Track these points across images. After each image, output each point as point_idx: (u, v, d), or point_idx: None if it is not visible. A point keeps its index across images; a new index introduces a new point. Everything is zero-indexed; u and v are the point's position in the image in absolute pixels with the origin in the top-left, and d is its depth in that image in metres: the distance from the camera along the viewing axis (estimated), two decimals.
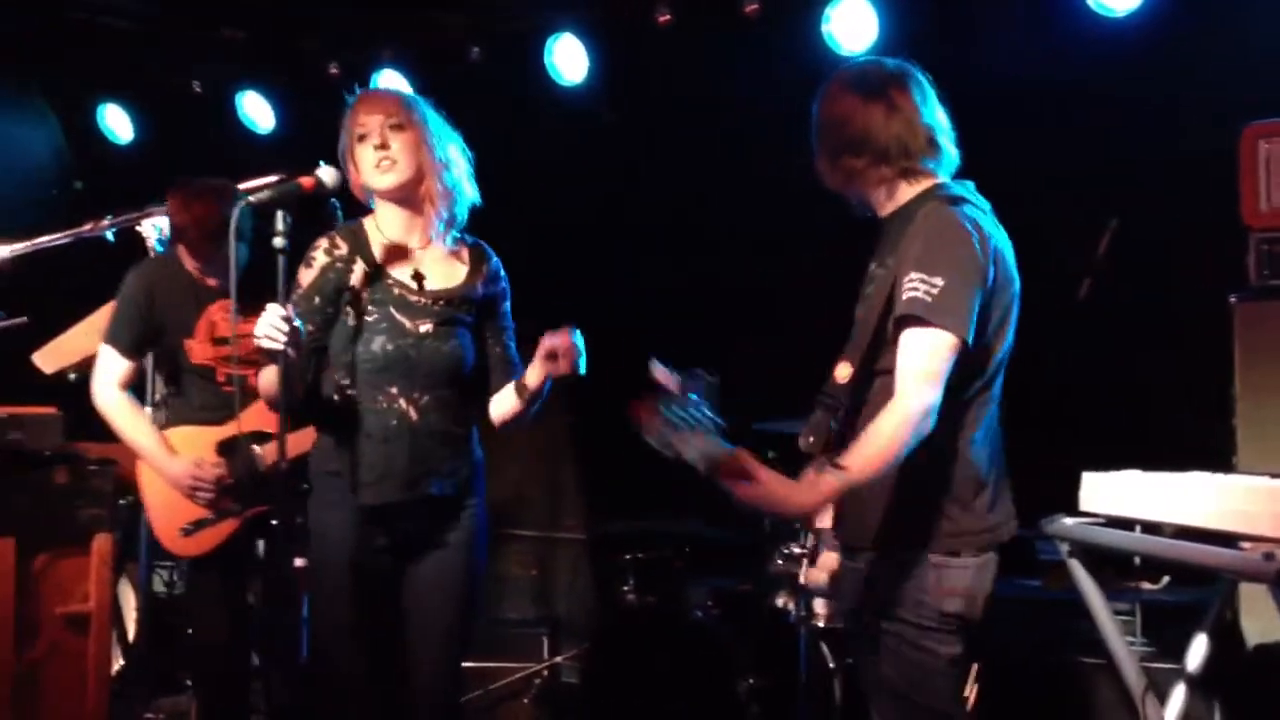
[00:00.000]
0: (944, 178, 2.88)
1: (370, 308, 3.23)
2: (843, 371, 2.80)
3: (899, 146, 2.81)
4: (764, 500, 2.65)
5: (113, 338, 3.93)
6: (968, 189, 2.88)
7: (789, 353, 4.98)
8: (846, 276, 3.13)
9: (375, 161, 3.18)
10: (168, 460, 3.86)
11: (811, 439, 2.82)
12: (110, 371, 3.92)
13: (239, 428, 3.72)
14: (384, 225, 3.28)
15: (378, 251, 3.27)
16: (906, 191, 2.86)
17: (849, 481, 2.60)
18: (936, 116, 2.88)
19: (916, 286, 2.64)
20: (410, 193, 3.23)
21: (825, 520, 2.96)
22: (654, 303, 5.89)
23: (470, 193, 3.34)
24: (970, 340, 2.66)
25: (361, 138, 3.21)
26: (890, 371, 2.72)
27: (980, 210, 2.84)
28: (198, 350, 3.94)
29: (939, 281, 2.63)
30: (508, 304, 3.46)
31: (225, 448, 3.87)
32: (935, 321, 2.63)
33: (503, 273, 3.45)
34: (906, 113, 2.83)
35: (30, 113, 7.10)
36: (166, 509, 3.88)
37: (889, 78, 2.87)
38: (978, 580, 2.80)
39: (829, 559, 2.96)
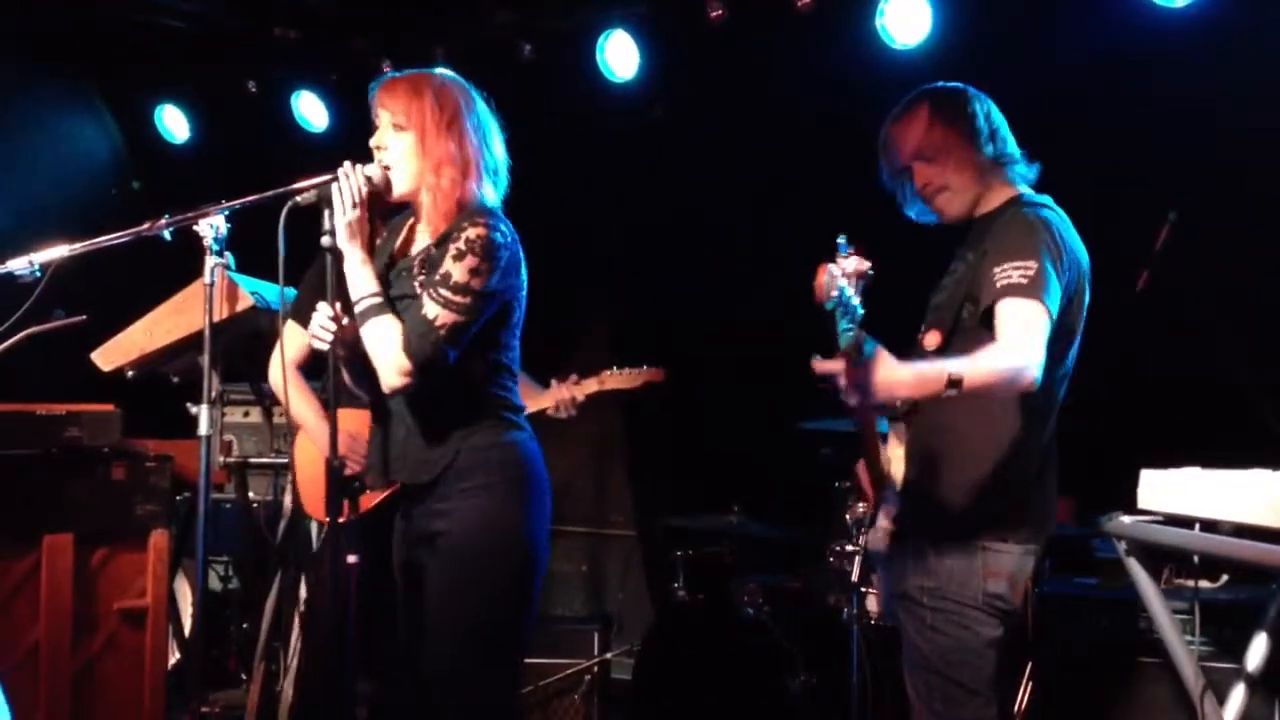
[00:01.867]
0: (1025, 188, 3.09)
1: None
2: (932, 339, 2.98)
3: (989, 161, 3.04)
4: (866, 382, 2.62)
5: (293, 312, 3.96)
6: (1048, 201, 3.05)
7: (835, 352, 4.94)
8: (896, 274, 3.12)
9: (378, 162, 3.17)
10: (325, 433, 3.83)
11: (899, 404, 2.96)
12: (288, 351, 3.95)
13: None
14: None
15: (399, 241, 3.28)
16: (995, 198, 3.07)
17: (952, 378, 2.63)
18: (1009, 134, 3.10)
19: (1009, 274, 2.81)
20: (414, 191, 3.17)
21: (896, 470, 3.05)
22: (702, 298, 5.88)
23: (486, 195, 3.16)
24: (1054, 320, 2.81)
25: (377, 130, 3.19)
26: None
27: (1060, 219, 3.00)
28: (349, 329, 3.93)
29: (1032, 264, 2.81)
30: (450, 264, 3.03)
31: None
32: (1030, 295, 2.78)
33: (465, 237, 3.04)
34: (988, 131, 3.06)
35: (89, 114, 7.19)
36: (315, 480, 3.88)
37: (971, 99, 3.09)
38: (1020, 566, 2.95)
39: (886, 523, 3.04)
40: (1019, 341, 2.74)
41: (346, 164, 3.10)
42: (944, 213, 3.11)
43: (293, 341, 3.94)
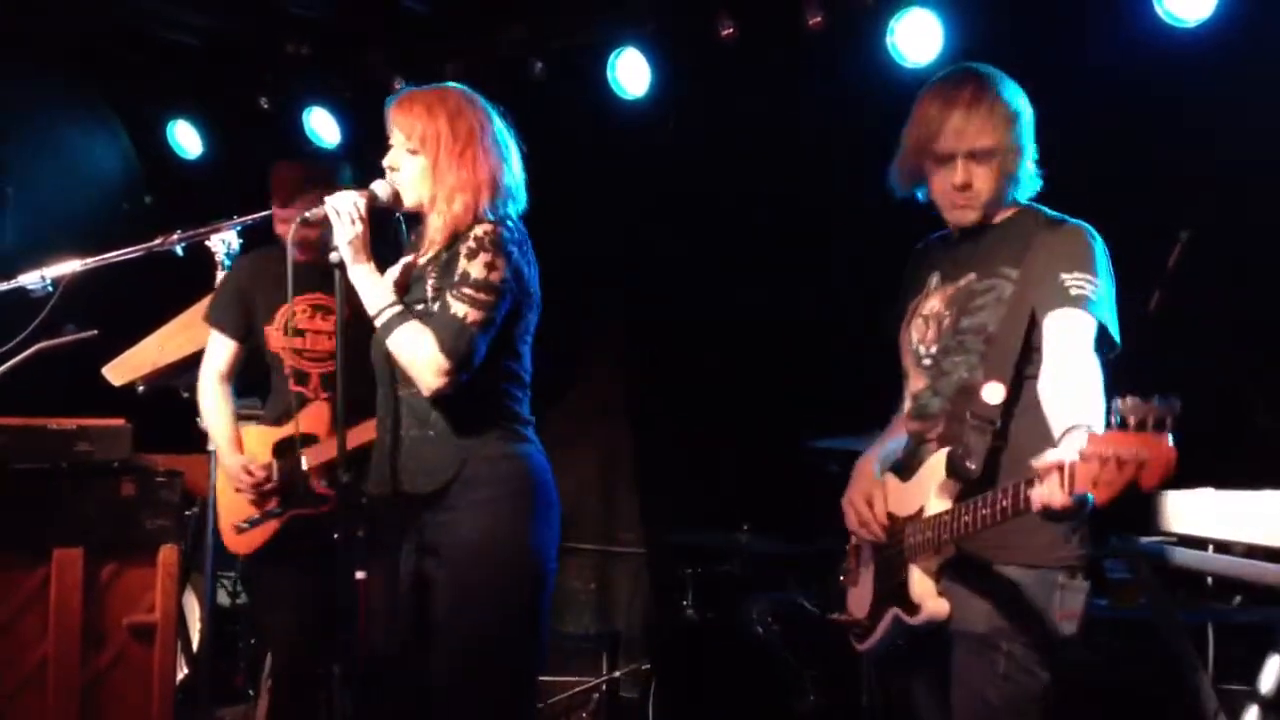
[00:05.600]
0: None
1: None
2: (994, 392, 2.75)
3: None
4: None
5: (214, 319, 4.01)
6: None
7: (844, 370, 4.95)
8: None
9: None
10: (228, 456, 3.92)
11: (972, 465, 2.76)
12: (212, 359, 4.01)
13: (296, 428, 3.82)
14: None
15: (415, 254, 3.29)
16: (1006, 208, 2.94)
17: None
18: None
19: (1083, 285, 2.71)
20: (425, 213, 3.19)
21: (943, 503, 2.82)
22: (712, 316, 5.88)
23: (495, 213, 3.15)
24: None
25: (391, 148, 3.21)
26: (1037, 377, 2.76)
27: None
28: (274, 338, 4.00)
29: (1099, 283, 2.74)
30: (464, 262, 3.07)
31: (279, 449, 3.92)
32: (1096, 315, 2.71)
33: (474, 235, 3.09)
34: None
35: (102, 129, 7.21)
36: (229, 505, 3.96)
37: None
38: (1086, 604, 2.79)
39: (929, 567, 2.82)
40: (1090, 362, 2.65)
41: (329, 197, 3.13)
42: (961, 220, 2.93)
43: (219, 351, 3.99)
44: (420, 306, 3.12)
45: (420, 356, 3.04)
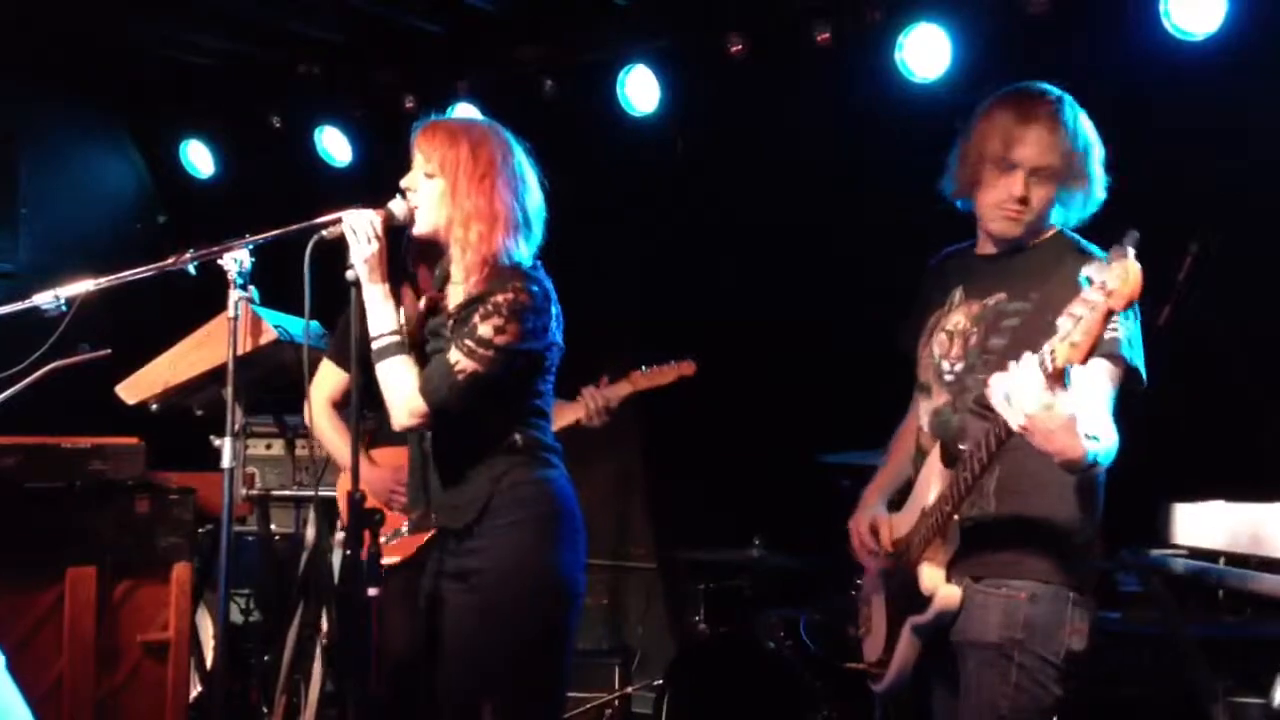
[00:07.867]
0: None
1: None
2: None
3: None
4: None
5: (332, 353, 3.97)
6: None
7: (856, 384, 4.96)
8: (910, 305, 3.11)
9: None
10: (369, 470, 3.84)
11: (964, 446, 2.80)
12: (318, 387, 3.96)
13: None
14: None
15: (439, 291, 3.31)
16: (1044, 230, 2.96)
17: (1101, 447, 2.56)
18: None
19: (1115, 329, 2.69)
20: (441, 238, 3.20)
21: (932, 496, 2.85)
22: (723, 332, 5.89)
23: (517, 249, 3.14)
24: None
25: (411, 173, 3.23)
26: None
27: None
28: None
29: (1127, 324, 2.74)
30: (477, 321, 3.08)
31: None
32: (1127, 357, 2.74)
33: (493, 300, 3.08)
34: None
35: (115, 149, 7.25)
36: None
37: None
38: (1094, 618, 2.84)
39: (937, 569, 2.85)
40: (1109, 428, 2.66)
41: (346, 212, 3.15)
42: (1007, 231, 2.92)
43: (330, 380, 3.98)
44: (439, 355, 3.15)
45: (399, 392, 3.11)
